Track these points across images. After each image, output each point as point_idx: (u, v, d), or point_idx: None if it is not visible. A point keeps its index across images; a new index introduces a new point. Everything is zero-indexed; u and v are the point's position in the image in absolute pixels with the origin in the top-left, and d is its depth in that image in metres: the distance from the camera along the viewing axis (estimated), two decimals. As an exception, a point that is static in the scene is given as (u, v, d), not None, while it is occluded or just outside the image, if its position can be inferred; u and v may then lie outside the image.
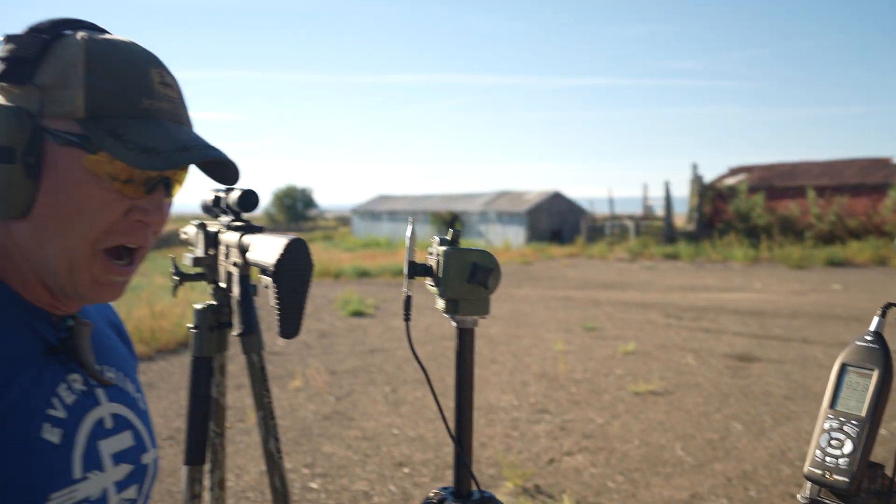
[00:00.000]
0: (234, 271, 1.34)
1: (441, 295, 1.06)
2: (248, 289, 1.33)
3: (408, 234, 1.06)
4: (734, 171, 32.60)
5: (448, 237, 1.07)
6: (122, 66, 0.86)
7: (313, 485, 4.52)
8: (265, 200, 72.13)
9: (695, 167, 29.71)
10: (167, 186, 0.92)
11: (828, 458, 0.97)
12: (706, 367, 7.69)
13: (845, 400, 0.99)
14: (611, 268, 21.13)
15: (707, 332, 9.79)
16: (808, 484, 1.00)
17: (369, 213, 43.13)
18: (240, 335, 1.42)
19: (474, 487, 1.10)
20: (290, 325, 0.99)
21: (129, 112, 0.85)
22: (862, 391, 0.99)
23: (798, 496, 1.02)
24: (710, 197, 29.62)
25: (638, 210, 35.72)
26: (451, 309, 1.06)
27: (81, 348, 0.94)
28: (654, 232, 29.29)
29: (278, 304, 0.99)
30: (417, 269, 1.07)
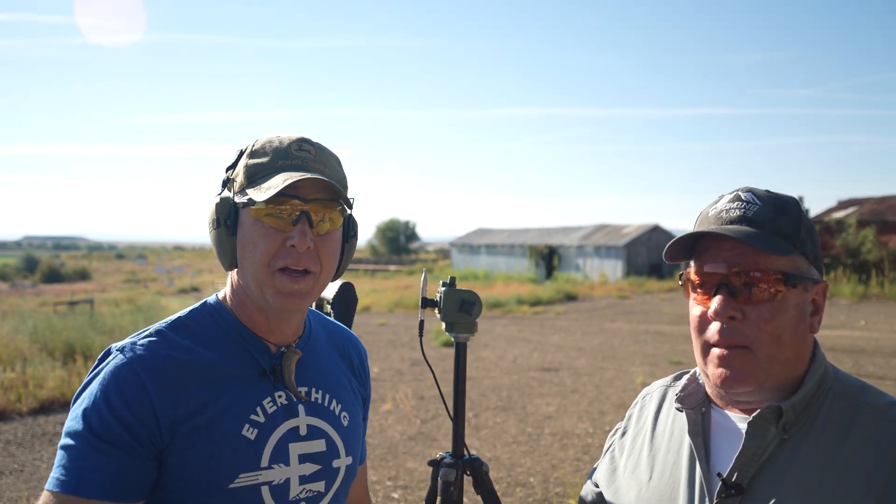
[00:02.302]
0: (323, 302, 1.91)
1: (441, 319, 1.59)
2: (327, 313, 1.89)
3: (422, 279, 1.60)
4: (843, 204, 31.39)
5: (448, 281, 1.60)
6: (268, 146, 1.20)
7: (395, 495, 5.06)
8: (369, 233, 74.34)
9: (801, 200, 28.83)
10: (309, 220, 1.16)
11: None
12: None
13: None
14: (708, 303, 20.83)
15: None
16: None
17: (468, 246, 43.89)
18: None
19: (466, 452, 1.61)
20: (341, 336, 1.54)
21: (270, 172, 1.17)
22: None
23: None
24: (817, 231, 28.60)
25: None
26: (450, 329, 1.59)
27: (285, 371, 1.22)
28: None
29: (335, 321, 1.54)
30: (428, 303, 1.60)
